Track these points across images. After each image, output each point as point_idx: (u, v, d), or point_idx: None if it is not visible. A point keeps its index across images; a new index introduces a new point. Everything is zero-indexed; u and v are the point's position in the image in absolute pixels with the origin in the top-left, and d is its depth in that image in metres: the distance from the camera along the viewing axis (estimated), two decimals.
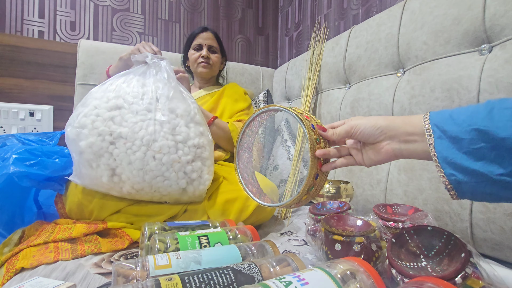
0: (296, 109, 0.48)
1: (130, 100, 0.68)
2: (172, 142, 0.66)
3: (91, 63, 1.20)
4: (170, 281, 0.33)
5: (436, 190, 0.68)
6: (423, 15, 0.77)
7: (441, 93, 0.70)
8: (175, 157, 0.66)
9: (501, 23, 0.61)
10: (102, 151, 0.63)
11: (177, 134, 0.68)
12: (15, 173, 0.63)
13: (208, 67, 1.13)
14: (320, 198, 0.82)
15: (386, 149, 0.41)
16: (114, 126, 0.64)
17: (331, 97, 1.08)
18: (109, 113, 0.65)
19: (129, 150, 0.63)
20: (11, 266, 0.51)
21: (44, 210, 0.82)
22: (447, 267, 0.39)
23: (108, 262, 0.55)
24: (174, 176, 0.67)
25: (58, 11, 1.32)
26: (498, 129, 0.31)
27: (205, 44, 1.13)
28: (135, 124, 0.65)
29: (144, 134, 0.64)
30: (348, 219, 0.55)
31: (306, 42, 1.57)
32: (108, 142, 0.63)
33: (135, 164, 0.64)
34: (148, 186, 0.66)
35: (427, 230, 0.44)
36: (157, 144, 0.65)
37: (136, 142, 0.64)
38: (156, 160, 0.65)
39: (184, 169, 0.68)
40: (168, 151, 0.66)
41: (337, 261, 0.35)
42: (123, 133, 0.63)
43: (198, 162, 0.70)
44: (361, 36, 0.97)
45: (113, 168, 0.64)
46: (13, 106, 1.22)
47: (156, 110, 0.68)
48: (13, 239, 0.65)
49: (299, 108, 0.50)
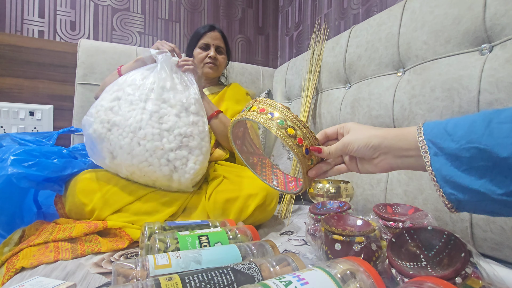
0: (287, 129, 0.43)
1: (128, 92, 0.75)
2: (157, 130, 0.72)
3: (91, 62, 1.20)
4: (170, 280, 0.33)
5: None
6: (424, 14, 0.77)
7: (442, 92, 0.70)
8: (158, 144, 0.71)
9: (501, 23, 0.61)
10: (102, 136, 0.72)
11: (164, 122, 0.73)
12: (13, 175, 0.63)
13: (215, 68, 1.11)
14: (320, 198, 0.82)
15: (382, 164, 0.40)
16: (112, 115, 0.73)
17: (331, 96, 1.08)
18: (110, 103, 0.74)
19: (120, 136, 0.71)
20: (11, 265, 0.51)
21: (43, 210, 0.82)
22: (447, 267, 0.39)
23: (108, 262, 0.55)
24: (157, 162, 0.71)
25: (58, 11, 1.32)
26: (499, 147, 0.30)
27: (213, 44, 1.10)
28: (127, 113, 0.72)
29: (132, 122, 0.71)
30: (348, 219, 0.55)
31: (306, 42, 1.57)
32: (106, 129, 0.72)
33: (124, 148, 0.71)
34: (138, 169, 0.72)
35: (427, 230, 0.44)
36: (142, 132, 0.71)
37: (126, 129, 0.71)
38: (141, 146, 0.71)
39: (168, 156, 0.72)
40: (152, 138, 0.71)
41: (337, 261, 0.35)
42: (116, 121, 0.71)
43: (183, 151, 0.74)
44: (362, 36, 0.97)
45: (111, 151, 0.72)
46: (13, 105, 1.22)
47: (148, 100, 0.74)
48: (13, 239, 0.65)
49: (290, 116, 0.43)
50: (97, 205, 0.70)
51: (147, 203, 0.73)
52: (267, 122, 0.43)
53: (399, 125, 0.81)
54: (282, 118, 0.43)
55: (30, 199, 0.79)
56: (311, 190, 0.86)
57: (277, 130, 0.42)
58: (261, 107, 0.46)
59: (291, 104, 1.37)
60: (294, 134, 0.43)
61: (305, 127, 0.44)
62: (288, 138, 0.42)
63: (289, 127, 0.43)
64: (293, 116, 0.44)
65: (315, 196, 0.84)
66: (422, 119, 0.74)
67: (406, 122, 0.78)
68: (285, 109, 0.44)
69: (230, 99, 1.11)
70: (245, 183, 0.80)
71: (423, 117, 0.73)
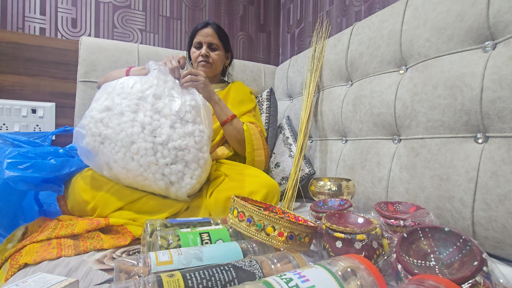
0: (265, 229, 0.47)
1: (117, 102, 0.70)
2: (150, 144, 0.68)
3: (93, 60, 1.20)
4: (171, 277, 0.33)
5: (437, 188, 0.68)
6: (426, 11, 0.76)
7: (444, 90, 0.69)
8: (152, 159, 0.68)
9: (505, 20, 0.61)
10: (96, 149, 0.70)
11: (157, 135, 0.68)
12: (10, 178, 0.62)
13: (208, 66, 1.07)
14: (321, 196, 0.82)
15: None
16: (102, 127, 0.69)
17: (333, 94, 1.08)
18: (100, 115, 0.70)
19: (112, 150, 0.68)
20: (15, 262, 0.52)
21: (45, 208, 0.82)
22: (456, 272, 0.38)
23: (110, 259, 0.55)
24: (152, 177, 0.69)
25: (59, 8, 1.32)
26: None
27: (204, 42, 1.06)
28: (118, 126, 0.68)
29: (124, 136, 0.67)
30: (350, 217, 0.55)
31: (308, 39, 1.56)
32: (99, 142, 0.69)
33: (118, 162, 0.68)
34: (134, 182, 0.71)
35: (443, 231, 0.42)
36: (135, 146, 0.67)
37: (118, 143, 0.68)
38: (135, 161, 0.68)
39: (163, 171, 0.69)
40: (145, 153, 0.68)
41: (338, 259, 0.35)
42: (108, 134, 0.68)
43: (178, 165, 0.70)
44: (363, 33, 0.96)
45: (107, 163, 0.70)
46: (15, 103, 1.23)
47: (138, 111, 0.69)
48: (16, 235, 0.65)
49: (265, 215, 0.47)
50: (99, 203, 0.70)
51: (150, 202, 0.73)
52: (247, 229, 0.48)
53: (401, 123, 0.80)
54: (258, 220, 0.48)
55: (31, 198, 0.79)
56: (312, 188, 0.86)
57: (256, 234, 0.47)
58: (239, 211, 0.50)
59: (292, 101, 1.37)
60: (273, 231, 0.47)
61: (280, 219, 0.47)
62: (270, 238, 0.46)
63: (267, 226, 0.47)
64: (267, 214, 0.47)
65: (316, 194, 0.84)
66: (424, 117, 0.74)
67: (408, 120, 0.78)
68: (256, 210, 0.48)
69: (233, 100, 1.08)
70: (247, 180, 0.80)
71: (425, 114, 0.73)
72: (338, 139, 1.05)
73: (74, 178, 0.74)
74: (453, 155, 0.67)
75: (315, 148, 1.15)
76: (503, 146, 0.59)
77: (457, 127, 0.67)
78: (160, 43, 1.51)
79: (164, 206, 0.73)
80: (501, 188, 0.57)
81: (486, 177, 0.60)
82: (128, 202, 0.72)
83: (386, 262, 0.45)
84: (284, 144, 1.17)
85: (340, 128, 1.03)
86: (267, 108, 1.18)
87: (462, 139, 0.66)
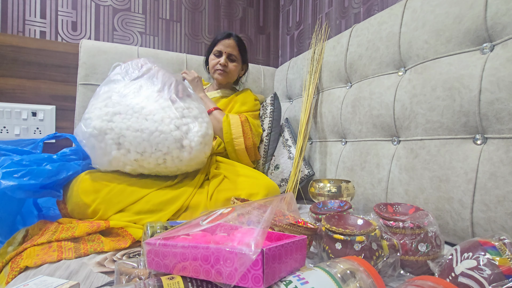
0: None
1: (117, 88, 0.80)
2: (159, 106, 0.78)
3: (93, 63, 1.21)
4: (172, 280, 0.33)
5: (437, 189, 0.69)
6: (425, 13, 0.76)
7: (443, 92, 0.69)
8: (165, 115, 0.77)
9: (503, 22, 0.61)
10: (104, 129, 0.73)
11: (163, 101, 0.79)
12: (7, 188, 0.62)
13: (224, 75, 1.15)
14: (321, 197, 0.83)
15: None
16: (109, 108, 0.76)
17: (332, 96, 1.08)
18: (103, 102, 0.77)
19: (124, 119, 0.74)
20: (16, 265, 0.52)
21: (44, 212, 0.81)
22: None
23: (111, 261, 0.55)
24: (167, 129, 0.75)
25: (59, 11, 1.33)
26: None
27: (225, 52, 1.14)
28: (124, 101, 0.77)
29: (133, 104, 0.76)
30: (349, 218, 0.55)
31: (307, 41, 1.57)
32: (106, 121, 0.74)
33: (133, 127, 0.74)
34: (149, 144, 0.74)
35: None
36: (146, 109, 0.76)
37: (129, 111, 0.75)
38: (148, 120, 0.75)
39: (175, 123, 0.77)
40: (157, 112, 0.77)
41: (337, 261, 0.36)
42: (116, 111, 0.75)
43: (187, 119, 0.80)
44: (362, 35, 0.97)
45: (117, 140, 0.73)
46: (15, 106, 1.23)
47: (140, 89, 0.80)
48: (17, 238, 0.65)
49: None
50: (99, 205, 0.70)
51: (150, 202, 0.73)
52: None
53: (400, 124, 0.81)
54: None
55: (30, 203, 0.79)
56: (312, 190, 0.86)
57: None
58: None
59: (292, 103, 1.37)
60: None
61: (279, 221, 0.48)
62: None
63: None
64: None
65: (316, 195, 0.85)
66: (423, 118, 0.74)
67: (407, 122, 0.78)
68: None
69: (237, 101, 1.16)
70: (246, 182, 0.80)
71: (424, 116, 0.73)
72: (338, 140, 1.06)
73: (73, 181, 0.74)
74: (452, 156, 0.67)
75: (315, 149, 1.15)
76: (501, 147, 0.59)
77: (456, 128, 0.67)
78: (160, 45, 1.51)
79: (164, 205, 0.73)
80: (500, 189, 0.57)
81: (485, 178, 0.60)
82: (129, 203, 0.72)
83: (386, 264, 0.46)
84: (284, 146, 1.17)
85: (339, 130, 1.03)
86: (270, 112, 1.19)
87: (460, 141, 0.67)
